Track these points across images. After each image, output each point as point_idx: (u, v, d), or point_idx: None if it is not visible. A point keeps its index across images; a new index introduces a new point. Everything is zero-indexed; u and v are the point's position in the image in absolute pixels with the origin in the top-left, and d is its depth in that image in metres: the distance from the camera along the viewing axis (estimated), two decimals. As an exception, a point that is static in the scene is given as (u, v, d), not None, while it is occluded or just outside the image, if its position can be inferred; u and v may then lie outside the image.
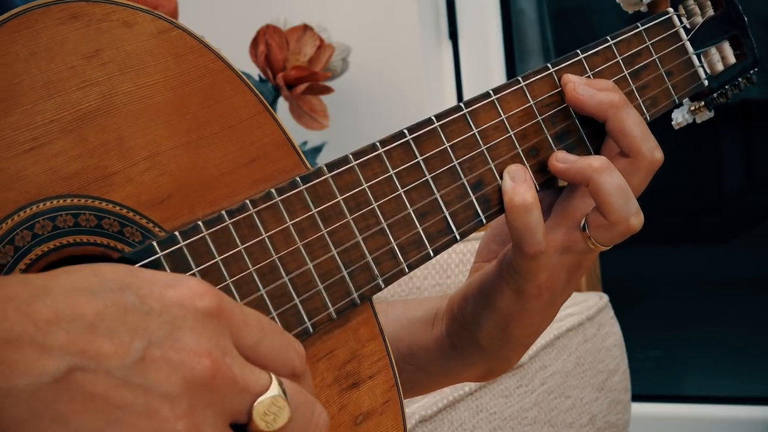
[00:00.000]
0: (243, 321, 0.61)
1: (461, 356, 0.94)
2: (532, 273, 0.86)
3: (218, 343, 0.59)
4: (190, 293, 0.59)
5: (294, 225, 0.75)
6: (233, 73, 0.76)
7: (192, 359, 0.58)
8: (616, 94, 0.89)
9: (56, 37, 0.69)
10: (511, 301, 0.89)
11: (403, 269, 0.80)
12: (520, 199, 0.84)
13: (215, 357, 0.58)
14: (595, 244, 0.86)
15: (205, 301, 0.59)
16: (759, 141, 3.89)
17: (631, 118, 0.88)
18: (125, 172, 0.70)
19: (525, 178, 0.86)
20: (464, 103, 0.86)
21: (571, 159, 0.87)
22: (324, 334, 0.76)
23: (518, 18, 2.87)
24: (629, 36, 0.96)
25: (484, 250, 0.95)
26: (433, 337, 0.96)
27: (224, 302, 0.60)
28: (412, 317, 0.98)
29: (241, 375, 0.59)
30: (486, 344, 0.92)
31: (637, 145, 0.88)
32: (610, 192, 0.85)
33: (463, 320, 0.93)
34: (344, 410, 0.76)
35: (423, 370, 0.97)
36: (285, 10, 2.41)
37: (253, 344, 0.61)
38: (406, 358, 0.96)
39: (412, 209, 0.81)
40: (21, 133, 0.67)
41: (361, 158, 0.79)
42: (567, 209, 0.88)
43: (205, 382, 0.58)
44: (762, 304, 3.41)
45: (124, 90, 0.71)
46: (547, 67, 0.91)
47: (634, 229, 0.86)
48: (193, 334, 0.58)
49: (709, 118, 1.02)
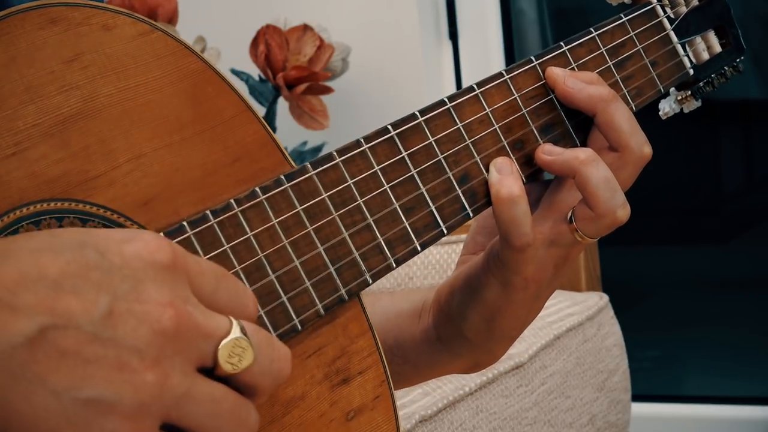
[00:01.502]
0: (198, 270, 0.63)
1: (447, 348, 0.94)
2: (519, 265, 0.86)
3: (179, 293, 0.61)
4: (145, 246, 0.61)
5: (279, 223, 0.75)
6: (215, 73, 0.76)
7: (157, 310, 0.59)
8: (605, 87, 0.89)
9: (36, 42, 0.69)
10: (497, 293, 0.89)
11: (391, 264, 0.80)
12: (507, 191, 0.84)
13: (178, 306, 0.60)
14: (581, 236, 0.86)
15: (162, 254, 0.61)
16: (759, 141, 3.89)
17: (620, 112, 0.88)
18: (108, 175, 0.70)
19: (511, 170, 0.86)
20: (448, 98, 0.86)
21: (558, 151, 0.87)
22: (313, 331, 0.76)
23: (518, 18, 2.87)
24: (613, 27, 0.96)
25: (471, 243, 0.95)
26: (419, 329, 0.96)
27: (179, 254, 0.62)
28: (399, 309, 0.98)
29: (204, 321, 0.61)
30: (472, 336, 0.92)
31: (626, 140, 0.88)
32: (596, 184, 0.85)
33: (449, 312, 0.93)
34: (335, 406, 0.76)
35: (409, 363, 0.97)
36: (285, 10, 2.41)
37: (210, 292, 0.63)
38: (393, 350, 0.96)
39: (398, 204, 0.81)
40: (2, 139, 0.67)
41: (345, 155, 0.79)
42: (554, 202, 0.88)
43: (170, 331, 0.60)
44: (761, 304, 3.41)
45: (105, 93, 0.71)
46: (530, 60, 0.91)
47: (620, 221, 0.86)
48: (155, 286, 0.60)
49: (696, 107, 1.02)
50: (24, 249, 0.59)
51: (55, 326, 0.57)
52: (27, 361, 0.56)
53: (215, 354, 0.62)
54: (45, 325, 0.57)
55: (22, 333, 0.56)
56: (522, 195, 0.84)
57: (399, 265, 0.80)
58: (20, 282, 0.57)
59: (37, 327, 0.57)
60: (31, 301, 0.57)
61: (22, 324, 0.56)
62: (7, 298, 0.57)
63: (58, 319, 0.57)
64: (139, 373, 0.58)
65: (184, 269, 0.62)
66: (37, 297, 0.57)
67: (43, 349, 0.57)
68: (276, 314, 0.73)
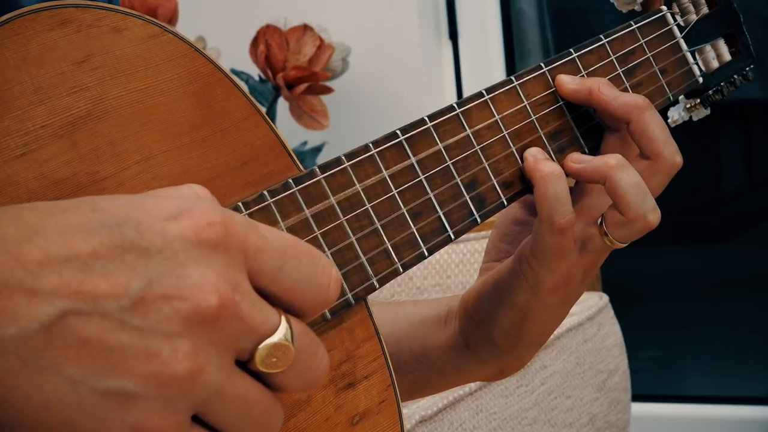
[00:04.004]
0: (259, 246, 0.57)
1: (475, 354, 0.95)
2: (555, 258, 0.86)
3: (227, 278, 0.55)
4: (193, 225, 0.55)
5: (287, 227, 0.75)
6: (225, 76, 0.76)
7: (197, 296, 0.54)
8: (639, 95, 0.89)
9: (46, 43, 0.69)
10: (527, 296, 0.89)
11: (398, 269, 0.80)
12: (549, 168, 0.85)
13: (223, 292, 0.55)
14: (612, 241, 0.87)
15: (212, 232, 0.56)
16: (759, 141, 3.90)
17: (654, 121, 0.88)
18: (117, 177, 0.70)
19: (546, 156, 0.87)
20: (457, 103, 0.86)
21: (586, 159, 0.88)
22: (319, 335, 0.75)
23: (518, 18, 2.87)
24: (622, 34, 0.96)
25: (494, 251, 0.95)
26: (446, 336, 0.96)
27: (235, 228, 0.56)
28: (423, 316, 0.98)
29: (250, 314, 0.56)
30: (501, 341, 0.92)
31: (659, 148, 0.88)
32: (627, 189, 0.85)
33: (477, 318, 0.93)
34: (340, 410, 0.76)
35: (435, 369, 0.97)
36: (285, 10, 2.42)
37: (274, 272, 0.58)
38: (418, 357, 0.97)
39: (405, 209, 0.81)
40: (12, 139, 0.67)
41: (353, 159, 0.79)
42: (583, 207, 0.89)
43: (209, 320, 0.54)
44: (762, 304, 3.41)
45: (114, 95, 0.71)
46: (540, 67, 0.91)
47: (651, 225, 0.87)
48: (199, 269, 0.55)
49: (705, 115, 1.02)
50: (56, 226, 0.54)
51: (78, 311, 0.52)
52: (42, 347, 0.52)
53: (254, 351, 0.56)
54: (66, 309, 0.52)
55: (38, 319, 0.52)
56: (562, 173, 0.86)
57: (406, 270, 0.80)
58: (45, 263, 0.52)
59: (57, 312, 0.52)
60: (54, 283, 0.52)
61: (40, 308, 0.52)
62: (27, 281, 0.52)
63: (82, 303, 0.52)
64: (170, 364, 0.53)
65: (240, 247, 0.56)
66: (62, 279, 0.52)
67: (62, 336, 0.52)
68: (282, 318, 0.73)
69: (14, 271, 0.52)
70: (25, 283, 0.52)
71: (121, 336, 0.53)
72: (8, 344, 0.52)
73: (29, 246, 0.53)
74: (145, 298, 0.54)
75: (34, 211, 0.55)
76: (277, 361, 0.57)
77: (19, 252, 0.52)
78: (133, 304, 0.53)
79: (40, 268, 0.52)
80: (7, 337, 0.52)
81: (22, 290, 0.52)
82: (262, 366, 0.57)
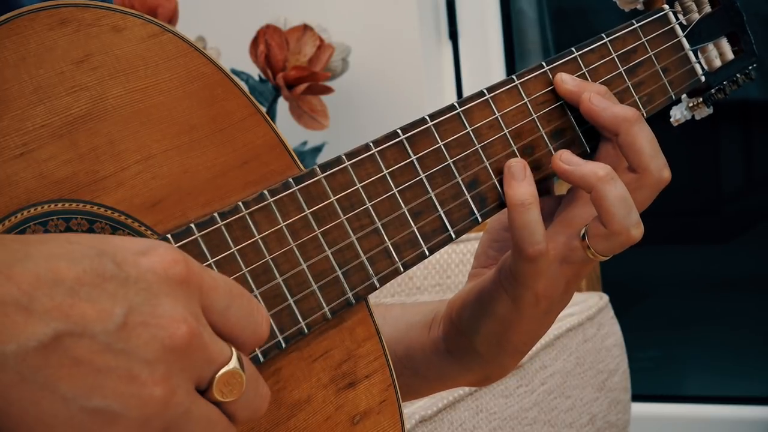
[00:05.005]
0: (212, 286, 0.63)
1: (458, 361, 0.94)
2: (530, 279, 0.85)
3: (191, 311, 0.60)
4: (161, 260, 0.60)
5: (287, 226, 0.74)
6: (225, 76, 0.76)
7: (171, 325, 0.59)
8: (629, 108, 0.88)
9: (45, 43, 0.69)
10: (508, 308, 0.88)
11: (398, 268, 0.80)
12: (520, 196, 0.84)
13: (191, 323, 0.60)
14: (593, 253, 0.86)
15: (177, 269, 0.61)
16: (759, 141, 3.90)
17: (643, 134, 0.87)
18: (117, 176, 0.70)
19: (525, 174, 0.85)
20: (458, 102, 0.85)
21: (576, 162, 0.87)
22: (319, 334, 0.76)
23: (518, 18, 2.87)
24: (624, 33, 0.95)
25: (482, 256, 0.94)
26: (430, 341, 0.95)
27: (193, 269, 0.62)
28: (410, 321, 0.97)
29: (210, 344, 0.61)
30: (483, 350, 0.92)
31: (646, 162, 0.87)
32: (612, 202, 0.84)
33: (460, 326, 0.92)
34: (341, 410, 0.76)
35: (419, 374, 0.96)
36: (285, 10, 2.42)
37: (222, 309, 0.63)
38: (403, 361, 0.96)
39: (406, 208, 0.81)
40: (11, 139, 0.67)
41: (354, 158, 0.79)
42: (567, 217, 0.88)
43: (181, 348, 0.59)
44: (762, 304, 3.41)
45: (114, 94, 0.71)
46: (541, 65, 0.91)
47: (633, 239, 0.86)
48: (169, 301, 0.60)
49: (708, 114, 1.02)
50: (41, 253, 0.58)
51: (71, 333, 0.57)
52: (40, 365, 0.56)
53: (212, 379, 0.61)
54: (61, 331, 0.57)
55: (36, 338, 0.56)
56: (534, 201, 0.84)
57: (407, 269, 0.80)
58: (36, 285, 0.57)
59: (52, 332, 0.56)
60: (47, 305, 0.57)
61: (38, 328, 0.56)
62: (23, 300, 0.56)
63: (73, 326, 0.57)
64: (147, 386, 0.58)
65: (197, 285, 0.62)
66: (53, 302, 0.57)
67: (57, 355, 0.56)
68: (282, 317, 0.73)
69: (9, 289, 0.56)
70: (20, 302, 0.56)
71: (108, 358, 0.58)
72: (9, 359, 0.56)
73: (20, 268, 0.57)
74: (127, 323, 0.58)
75: (14, 240, 0.59)
76: (231, 389, 0.62)
77: (11, 272, 0.57)
78: (117, 328, 0.58)
79: (33, 289, 0.57)
80: (8, 353, 0.56)
81: (19, 309, 0.56)
82: (219, 394, 0.62)
